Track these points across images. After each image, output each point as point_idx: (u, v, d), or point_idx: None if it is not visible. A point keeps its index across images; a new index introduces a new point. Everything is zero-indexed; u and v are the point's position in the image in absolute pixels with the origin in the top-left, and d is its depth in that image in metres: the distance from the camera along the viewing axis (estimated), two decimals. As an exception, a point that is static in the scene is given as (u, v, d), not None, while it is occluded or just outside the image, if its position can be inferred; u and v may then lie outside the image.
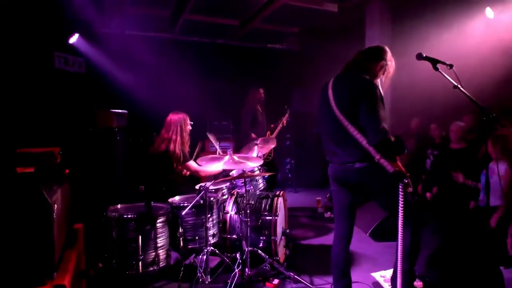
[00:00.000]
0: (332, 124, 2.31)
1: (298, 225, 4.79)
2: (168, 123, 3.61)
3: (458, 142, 4.17)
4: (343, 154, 2.29)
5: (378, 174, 2.18)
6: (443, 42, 4.78)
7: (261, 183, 3.88)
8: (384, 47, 2.43)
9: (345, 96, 2.27)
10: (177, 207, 3.00)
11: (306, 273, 3.17)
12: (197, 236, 3.00)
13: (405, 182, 2.05)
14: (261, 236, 3.17)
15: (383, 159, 2.12)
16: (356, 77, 2.30)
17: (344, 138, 2.26)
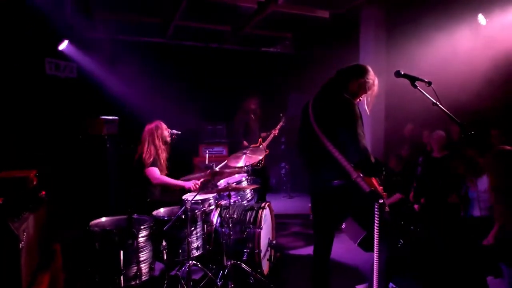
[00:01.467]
0: (313, 142, 2.36)
1: (288, 233, 4.83)
2: (143, 135, 3.71)
3: (440, 151, 4.21)
4: (322, 171, 2.35)
5: (354, 193, 2.23)
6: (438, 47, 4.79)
7: (249, 193, 3.92)
8: (365, 66, 2.48)
9: (325, 115, 2.33)
10: (160, 220, 3.05)
11: (290, 285, 3.21)
12: (180, 249, 3.04)
13: (380, 203, 2.09)
14: (245, 249, 3.21)
15: (360, 179, 2.17)
16: (335, 96, 2.35)
17: (322, 155, 2.31)
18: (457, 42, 4.82)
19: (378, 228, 2.11)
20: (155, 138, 3.63)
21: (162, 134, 3.67)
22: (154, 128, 3.65)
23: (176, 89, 6.00)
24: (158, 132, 3.65)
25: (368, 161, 2.17)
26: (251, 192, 3.98)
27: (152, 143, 3.62)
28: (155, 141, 3.63)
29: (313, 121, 2.36)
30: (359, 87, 2.43)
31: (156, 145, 3.62)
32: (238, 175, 4.01)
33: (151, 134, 3.64)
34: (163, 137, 3.68)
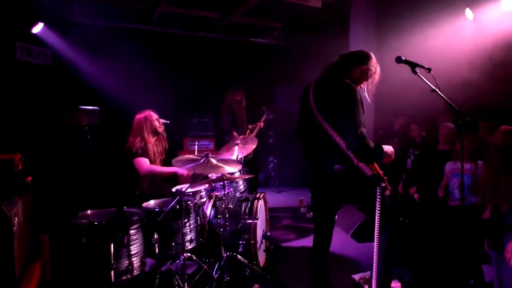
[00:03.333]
0: (313, 127, 2.34)
1: (280, 226, 4.83)
2: (133, 125, 3.59)
3: (446, 144, 4.27)
4: (322, 157, 2.33)
5: (356, 178, 2.23)
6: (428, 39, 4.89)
7: (242, 185, 3.88)
8: (369, 52, 2.47)
9: (326, 100, 2.31)
10: (151, 212, 2.97)
11: (287, 276, 3.21)
12: (173, 242, 2.96)
13: (383, 186, 2.11)
14: (241, 241, 3.18)
15: (362, 163, 2.17)
16: (336, 81, 2.33)
17: (323, 141, 2.29)
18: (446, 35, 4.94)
19: (380, 212, 2.10)
20: (143, 129, 3.51)
21: (151, 125, 3.55)
22: (143, 119, 3.54)
23: (161, 79, 5.87)
24: (147, 123, 3.53)
25: (365, 148, 2.14)
26: (244, 183, 3.94)
27: (140, 134, 3.51)
28: (144, 132, 3.51)
29: (314, 105, 2.34)
30: (361, 74, 2.43)
31: (144, 136, 3.50)
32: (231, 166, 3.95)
33: (139, 125, 3.52)
34: (153, 128, 3.56)
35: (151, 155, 3.54)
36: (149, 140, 3.51)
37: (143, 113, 3.59)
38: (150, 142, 3.52)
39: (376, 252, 2.16)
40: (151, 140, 3.53)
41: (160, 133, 3.64)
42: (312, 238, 4.33)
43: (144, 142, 3.47)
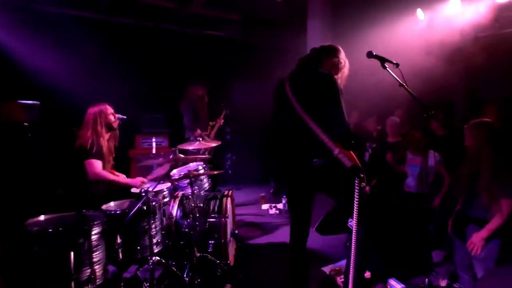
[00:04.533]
0: (291, 120, 2.35)
1: (243, 224, 4.81)
2: (85, 119, 3.34)
3: (394, 136, 4.56)
4: (302, 150, 2.35)
5: (336, 170, 2.28)
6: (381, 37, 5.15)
7: (206, 183, 3.80)
8: (338, 46, 2.57)
9: (305, 92, 2.33)
10: (113, 215, 2.79)
11: (258, 273, 3.21)
12: (138, 245, 2.82)
13: (361, 177, 2.17)
14: (210, 240, 3.11)
15: (342, 154, 2.22)
16: (316, 73, 2.39)
17: (303, 134, 2.31)
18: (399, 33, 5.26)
19: (358, 202, 2.17)
20: (97, 124, 3.27)
21: (106, 119, 3.32)
22: (97, 113, 3.29)
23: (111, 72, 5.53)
24: (102, 117, 3.30)
25: (351, 135, 2.24)
26: (208, 181, 3.86)
27: (93, 129, 3.26)
28: (97, 127, 3.27)
29: (292, 99, 2.35)
30: (332, 67, 2.50)
31: (97, 130, 3.26)
32: (193, 163, 3.86)
33: (93, 119, 3.27)
34: (108, 123, 3.33)
35: (105, 151, 3.31)
36: (102, 135, 3.28)
37: (97, 106, 3.34)
38: (104, 137, 3.30)
39: (354, 243, 2.20)
40: (104, 136, 3.30)
41: (114, 128, 3.43)
42: (278, 234, 4.43)
43: (97, 137, 3.23)
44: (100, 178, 3.23)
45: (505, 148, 2.67)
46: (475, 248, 2.65)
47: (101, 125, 3.31)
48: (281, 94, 2.43)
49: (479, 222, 2.69)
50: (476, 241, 2.64)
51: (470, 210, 2.79)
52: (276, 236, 4.35)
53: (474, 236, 2.66)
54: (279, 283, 3.06)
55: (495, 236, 2.61)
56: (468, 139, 2.77)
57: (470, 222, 2.77)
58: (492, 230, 2.59)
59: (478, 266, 2.72)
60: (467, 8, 5.02)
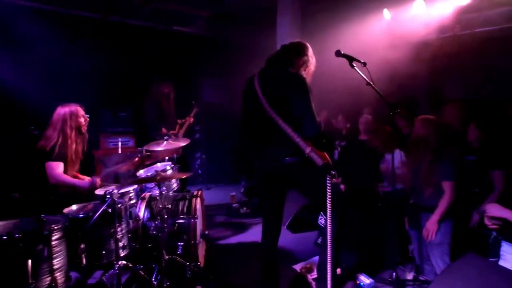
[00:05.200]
0: (261, 119, 2.35)
1: (214, 224, 4.79)
2: (52, 119, 3.20)
3: (366, 134, 4.68)
4: (273, 149, 2.37)
5: (308, 168, 2.32)
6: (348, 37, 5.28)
7: (175, 183, 3.74)
8: (306, 43, 2.60)
9: (275, 91, 2.34)
10: (76, 218, 2.69)
11: (229, 274, 3.21)
12: (103, 250, 2.74)
13: (333, 174, 2.22)
14: (180, 242, 3.07)
15: (313, 153, 2.26)
16: (285, 72, 2.41)
17: (274, 133, 2.32)
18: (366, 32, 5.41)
19: (331, 200, 2.21)
20: (66, 126, 3.13)
21: (76, 121, 3.19)
22: (67, 114, 3.15)
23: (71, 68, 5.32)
24: (72, 119, 3.16)
25: (323, 135, 2.29)
26: (177, 182, 3.80)
27: (62, 131, 3.12)
28: (66, 129, 3.13)
29: (262, 98, 2.36)
30: (302, 64, 2.53)
31: (66, 132, 3.13)
32: (161, 164, 3.79)
33: (62, 120, 3.12)
34: (78, 126, 3.20)
35: (70, 155, 3.18)
36: (71, 138, 3.15)
37: (67, 106, 3.20)
38: (72, 140, 3.16)
39: (329, 239, 2.23)
40: (73, 139, 3.17)
41: (83, 133, 3.30)
42: (248, 233, 4.44)
43: (63, 140, 3.10)
44: (60, 183, 3.11)
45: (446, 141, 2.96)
46: (430, 233, 2.88)
47: (71, 128, 3.19)
48: (250, 93, 2.44)
49: (430, 209, 2.93)
50: (429, 226, 2.88)
51: (421, 201, 3.04)
52: (247, 235, 4.37)
53: (427, 223, 2.90)
54: (250, 283, 3.08)
55: (446, 219, 2.88)
56: (417, 128, 3.04)
57: (423, 211, 3.01)
58: (442, 213, 2.85)
59: (435, 253, 2.93)
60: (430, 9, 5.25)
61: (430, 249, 3.00)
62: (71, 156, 3.15)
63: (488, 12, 5.23)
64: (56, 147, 3.10)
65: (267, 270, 2.54)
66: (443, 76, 6.50)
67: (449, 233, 2.92)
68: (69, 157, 3.15)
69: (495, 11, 5.22)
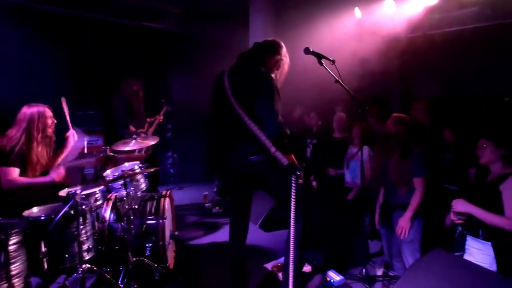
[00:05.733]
0: (229, 116, 2.36)
1: (185, 224, 4.75)
2: (17, 118, 3.06)
3: (340, 132, 4.76)
4: (239, 147, 2.38)
5: (273, 167, 2.34)
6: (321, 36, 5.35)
7: (143, 183, 3.68)
8: (280, 42, 2.60)
9: (243, 89, 2.35)
10: (36, 221, 2.61)
11: (199, 274, 3.20)
12: (67, 253, 2.66)
13: (298, 174, 2.25)
14: (147, 243, 3.02)
15: (278, 152, 2.28)
16: (253, 70, 2.42)
17: (240, 131, 2.33)
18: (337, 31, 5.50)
19: (295, 199, 2.23)
20: (33, 128, 2.99)
21: (44, 122, 3.05)
22: (35, 115, 3.01)
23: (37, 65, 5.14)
24: (40, 121, 3.02)
25: (285, 135, 2.29)
26: (145, 181, 3.75)
27: (27, 132, 2.98)
28: (32, 130, 2.99)
29: (230, 95, 2.36)
30: (275, 64, 2.55)
31: (31, 135, 2.99)
32: (128, 163, 3.72)
33: (29, 121, 2.99)
34: (45, 127, 3.07)
35: (33, 158, 3.05)
36: (37, 139, 3.02)
37: (35, 107, 3.05)
38: (38, 143, 3.04)
39: (292, 239, 2.26)
40: (39, 141, 3.04)
41: (49, 136, 3.18)
42: (220, 233, 4.43)
43: (28, 141, 2.97)
44: (14, 186, 2.96)
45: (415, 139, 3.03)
46: (403, 231, 2.94)
47: (37, 130, 3.05)
48: (219, 89, 2.44)
49: (402, 206, 2.99)
50: (403, 224, 2.94)
51: (393, 199, 3.09)
52: (219, 235, 4.36)
53: (401, 220, 2.95)
54: (220, 283, 3.08)
55: (417, 216, 2.95)
56: (388, 125, 3.09)
57: (395, 209, 3.06)
58: (414, 209, 2.92)
59: (407, 250, 3.01)
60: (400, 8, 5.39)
61: (402, 246, 3.05)
62: (33, 159, 3.02)
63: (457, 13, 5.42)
64: (16, 148, 2.97)
65: (235, 270, 2.55)
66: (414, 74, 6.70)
67: (420, 230, 2.98)
68: (31, 160, 3.02)
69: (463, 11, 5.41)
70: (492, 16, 5.04)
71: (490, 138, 2.50)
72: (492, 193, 2.43)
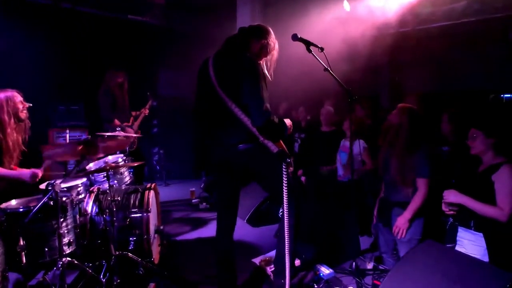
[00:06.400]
0: (214, 104, 2.30)
1: (171, 220, 4.69)
2: None
3: (328, 125, 4.75)
4: (226, 136, 2.32)
5: (262, 155, 2.29)
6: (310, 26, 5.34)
7: (127, 177, 3.61)
8: (268, 27, 2.52)
9: (228, 75, 2.29)
10: (14, 213, 2.52)
11: (185, 270, 3.15)
12: (46, 247, 2.58)
13: (288, 162, 2.21)
14: (131, 237, 2.96)
15: (267, 140, 2.23)
16: (238, 55, 2.33)
17: (227, 119, 2.28)
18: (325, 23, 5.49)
19: (287, 188, 2.17)
20: (3, 112, 2.90)
21: (14, 107, 2.96)
22: (3, 100, 2.91)
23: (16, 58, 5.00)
24: (9, 105, 2.93)
25: (271, 124, 2.20)
26: (129, 174, 3.68)
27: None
28: (3, 115, 2.90)
29: (215, 82, 2.30)
30: (261, 49, 2.47)
31: (3, 119, 2.89)
32: (112, 156, 3.64)
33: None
34: (16, 112, 2.98)
35: (8, 145, 2.96)
36: (10, 125, 2.94)
37: (3, 93, 2.97)
38: (11, 128, 2.96)
39: (287, 230, 2.21)
40: (11, 126, 2.96)
41: (23, 119, 3.09)
42: (207, 228, 4.38)
43: (2, 128, 2.88)
44: None
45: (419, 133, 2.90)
46: (400, 231, 2.86)
47: (8, 114, 2.96)
48: (204, 75, 2.38)
49: (402, 204, 2.91)
50: (400, 224, 2.85)
51: (393, 196, 3.01)
52: (206, 230, 4.31)
53: (399, 219, 2.87)
54: (206, 277, 3.03)
55: (418, 216, 2.86)
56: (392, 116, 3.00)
57: (394, 206, 2.99)
58: (414, 210, 2.82)
59: (403, 249, 2.95)
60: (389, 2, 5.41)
61: (399, 244, 2.99)
62: (8, 146, 2.93)
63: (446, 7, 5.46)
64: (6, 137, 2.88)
65: (223, 264, 2.49)
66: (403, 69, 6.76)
67: (419, 230, 2.89)
68: (5, 147, 2.94)
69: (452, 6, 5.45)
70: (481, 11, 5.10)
71: (480, 128, 2.50)
72: (484, 183, 2.42)
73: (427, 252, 2.36)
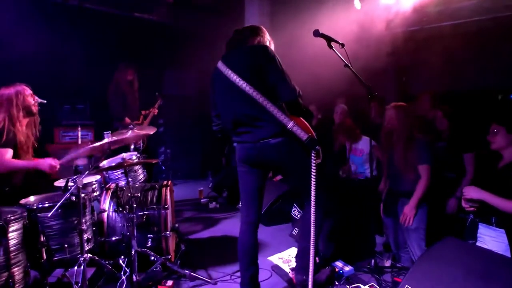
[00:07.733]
0: (238, 102, 2.37)
1: (182, 219, 4.72)
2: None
3: None
4: (257, 130, 2.37)
5: (293, 148, 2.36)
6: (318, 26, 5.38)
7: (142, 174, 3.66)
8: (261, 26, 2.66)
9: (248, 66, 2.38)
10: (35, 209, 2.56)
11: (202, 268, 3.17)
12: (66, 243, 2.62)
13: (317, 149, 2.25)
14: (149, 234, 3.00)
15: (296, 127, 2.28)
16: (251, 46, 2.48)
17: (255, 112, 2.34)
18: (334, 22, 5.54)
19: (315, 177, 2.19)
20: (13, 107, 2.94)
21: (24, 101, 3.01)
22: (13, 94, 2.96)
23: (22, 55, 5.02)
24: (19, 99, 2.98)
25: (301, 99, 2.39)
26: (143, 172, 3.72)
27: (8, 112, 2.93)
28: (13, 110, 2.94)
29: (235, 78, 2.36)
30: None
31: (13, 114, 2.94)
32: (126, 154, 3.68)
33: (8, 101, 2.93)
34: (26, 106, 3.02)
35: (21, 139, 2.99)
36: (19, 119, 2.98)
37: (13, 87, 3.02)
38: (21, 122, 3.00)
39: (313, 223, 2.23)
40: (22, 120, 3.00)
41: (34, 113, 3.13)
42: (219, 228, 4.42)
43: (11, 122, 2.92)
44: (7, 169, 2.90)
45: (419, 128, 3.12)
46: (408, 219, 3.02)
47: (18, 108, 3.00)
48: (220, 80, 2.46)
49: (407, 194, 3.07)
50: (407, 212, 3.02)
51: (398, 186, 3.17)
52: (217, 230, 4.35)
53: (405, 207, 3.03)
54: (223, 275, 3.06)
55: (422, 204, 3.03)
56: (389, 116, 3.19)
57: (400, 197, 3.15)
58: (419, 197, 3.00)
59: (412, 238, 3.06)
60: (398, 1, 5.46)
61: (406, 235, 3.12)
62: (21, 141, 2.97)
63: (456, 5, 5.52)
64: (4, 132, 2.91)
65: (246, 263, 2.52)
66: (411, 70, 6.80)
67: (424, 218, 3.05)
68: (19, 142, 2.97)
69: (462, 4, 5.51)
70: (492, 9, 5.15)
71: (502, 123, 2.55)
72: (505, 179, 2.47)
73: (448, 248, 2.40)
